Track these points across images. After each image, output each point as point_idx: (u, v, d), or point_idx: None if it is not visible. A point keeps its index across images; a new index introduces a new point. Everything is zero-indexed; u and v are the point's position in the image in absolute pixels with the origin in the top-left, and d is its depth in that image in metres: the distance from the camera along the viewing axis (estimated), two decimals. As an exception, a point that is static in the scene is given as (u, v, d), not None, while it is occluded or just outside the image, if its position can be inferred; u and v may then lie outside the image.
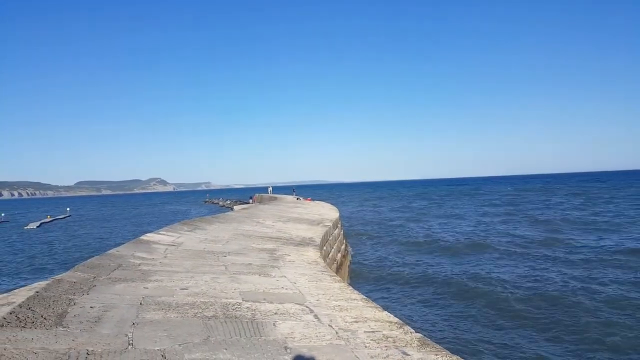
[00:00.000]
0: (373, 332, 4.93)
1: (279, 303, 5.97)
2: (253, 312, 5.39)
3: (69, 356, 3.58)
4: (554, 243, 25.34)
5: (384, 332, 4.93)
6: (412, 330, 5.09)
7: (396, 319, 5.53)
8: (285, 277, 7.95)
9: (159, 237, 11.50)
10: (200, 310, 5.29)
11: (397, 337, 4.80)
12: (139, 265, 7.85)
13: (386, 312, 5.87)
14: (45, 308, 4.74)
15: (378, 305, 6.23)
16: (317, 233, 16.09)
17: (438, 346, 4.59)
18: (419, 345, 4.57)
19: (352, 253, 25.09)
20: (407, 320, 6.58)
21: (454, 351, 4.87)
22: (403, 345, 4.54)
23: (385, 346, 4.47)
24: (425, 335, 4.97)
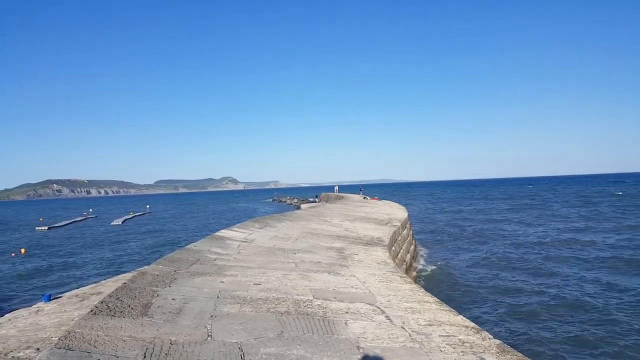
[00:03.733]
0: (448, 336, 4.76)
1: (349, 302, 5.95)
2: (324, 310, 5.41)
3: (154, 345, 3.79)
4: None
5: (460, 337, 4.74)
6: (490, 335, 4.85)
7: (472, 324, 5.30)
8: (354, 276, 7.92)
9: (232, 234, 11.93)
10: (273, 306, 5.40)
11: (474, 342, 4.60)
12: (215, 260, 8.18)
13: (461, 316, 5.64)
14: (132, 299, 5.06)
15: (452, 309, 6.01)
16: (385, 233, 15.90)
17: (519, 354, 4.33)
18: (497, 352, 4.34)
19: (422, 254, 24.54)
20: (483, 327, 6.26)
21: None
22: (481, 351, 4.34)
23: (462, 351, 4.29)
24: (504, 342, 4.72)
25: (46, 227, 54.57)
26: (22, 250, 33.77)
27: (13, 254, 32.30)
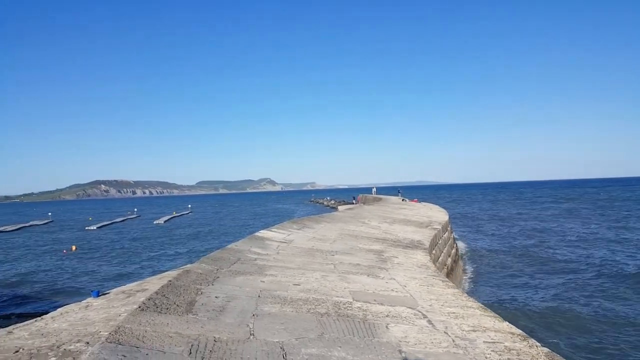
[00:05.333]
0: (493, 342, 4.62)
1: (389, 305, 5.88)
2: (364, 313, 5.37)
3: (199, 342, 3.88)
4: None
5: (506, 344, 4.59)
6: (537, 343, 4.67)
7: (519, 331, 5.12)
8: (394, 279, 7.83)
9: (272, 234, 12.06)
10: (313, 307, 5.41)
11: (521, 349, 4.44)
12: (255, 260, 8.29)
13: (507, 323, 5.47)
14: (177, 296, 5.20)
15: (497, 315, 5.84)
16: (425, 236, 15.65)
17: (570, 364, 4.15)
18: (546, 361, 4.18)
19: (464, 258, 23.96)
20: (531, 334, 5.98)
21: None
22: (528, 359, 4.19)
23: (508, 359, 4.16)
24: (553, 351, 4.53)
25: (95, 227, 56.97)
26: (73, 247, 35.39)
27: (65, 251, 33.93)
